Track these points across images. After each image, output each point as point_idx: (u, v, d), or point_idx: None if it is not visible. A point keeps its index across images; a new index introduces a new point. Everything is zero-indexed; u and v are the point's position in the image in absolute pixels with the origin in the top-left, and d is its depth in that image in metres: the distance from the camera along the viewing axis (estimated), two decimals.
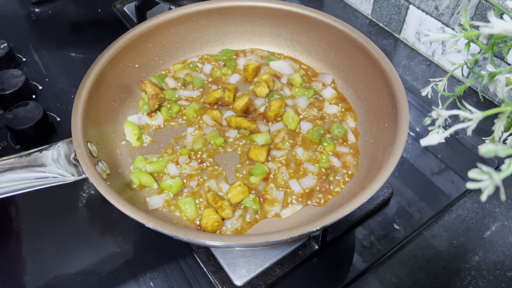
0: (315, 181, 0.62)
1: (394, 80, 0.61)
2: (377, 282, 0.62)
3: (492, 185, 0.31)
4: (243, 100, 0.68)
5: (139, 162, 0.63)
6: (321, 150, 0.66)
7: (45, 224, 0.68)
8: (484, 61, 0.81)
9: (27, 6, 1.07)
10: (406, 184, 0.72)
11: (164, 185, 0.61)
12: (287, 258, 0.62)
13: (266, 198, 0.61)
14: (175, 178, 0.62)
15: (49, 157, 0.56)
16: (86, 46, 0.97)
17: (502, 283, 0.62)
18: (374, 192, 0.50)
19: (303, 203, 0.61)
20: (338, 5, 1.06)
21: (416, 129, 0.80)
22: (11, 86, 0.82)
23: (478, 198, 0.71)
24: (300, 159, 0.65)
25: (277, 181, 0.63)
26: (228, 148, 0.66)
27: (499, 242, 0.66)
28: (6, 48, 0.89)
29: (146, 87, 0.69)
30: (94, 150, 0.59)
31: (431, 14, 0.87)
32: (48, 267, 0.63)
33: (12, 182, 0.53)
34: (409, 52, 0.95)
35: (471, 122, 0.34)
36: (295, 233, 0.47)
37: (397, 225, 0.67)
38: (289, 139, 0.67)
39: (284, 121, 0.68)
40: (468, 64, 0.51)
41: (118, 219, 0.68)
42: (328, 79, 0.74)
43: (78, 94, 0.60)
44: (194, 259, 0.63)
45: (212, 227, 0.57)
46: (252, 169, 0.63)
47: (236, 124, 0.67)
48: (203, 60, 0.77)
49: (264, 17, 0.76)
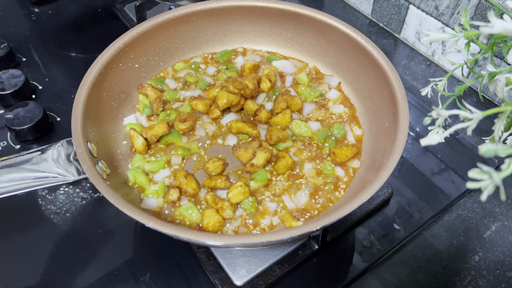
0: (308, 199, 0.61)
1: (394, 80, 0.61)
2: (377, 282, 0.62)
3: (492, 185, 0.31)
4: (256, 105, 0.67)
5: (137, 161, 0.63)
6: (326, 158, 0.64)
7: (45, 224, 0.68)
8: (484, 61, 0.81)
9: (27, 6, 1.07)
10: (406, 184, 0.72)
11: (150, 192, 0.61)
12: (287, 258, 0.62)
13: (258, 208, 0.60)
14: (158, 183, 0.62)
15: (49, 157, 0.56)
16: (86, 46, 0.97)
17: (502, 283, 0.62)
18: (374, 192, 0.50)
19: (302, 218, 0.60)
20: (338, 5, 1.06)
21: (416, 129, 0.80)
22: (11, 86, 0.82)
23: (478, 198, 0.71)
24: (304, 174, 0.63)
25: (275, 190, 0.61)
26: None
27: (499, 242, 0.66)
28: (6, 48, 0.89)
29: (147, 90, 0.69)
30: (94, 150, 0.59)
31: (431, 14, 0.87)
32: (48, 267, 0.63)
33: (12, 182, 0.53)
34: (409, 52, 0.95)
35: (471, 122, 0.34)
36: (295, 233, 0.47)
37: (397, 225, 0.67)
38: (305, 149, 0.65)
39: (294, 130, 0.66)
40: (468, 64, 0.51)
41: (118, 219, 0.68)
42: (334, 82, 0.74)
43: (78, 94, 0.60)
44: (194, 259, 0.63)
45: (213, 227, 0.57)
46: (254, 174, 0.61)
47: (237, 129, 0.67)
48: (205, 61, 0.77)
49: (264, 17, 0.76)
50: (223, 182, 0.61)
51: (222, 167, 0.63)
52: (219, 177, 0.61)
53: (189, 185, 0.60)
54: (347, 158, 0.63)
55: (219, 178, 0.61)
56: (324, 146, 0.65)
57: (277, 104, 0.69)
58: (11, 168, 0.54)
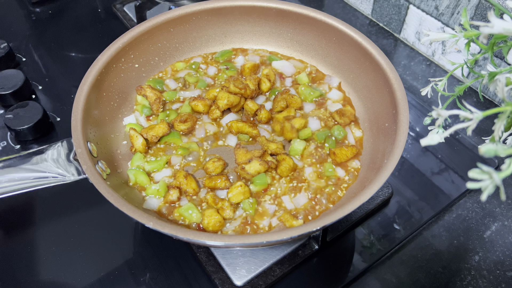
0: (307, 200, 0.60)
1: (394, 80, 0.61)
2: (377, 282, 0.62)
3: (492, 185, 0.31)
4: (256, 106, 0.67)
5: (137, 160, 0.63)
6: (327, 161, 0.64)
7: (45, 224, 0.68)
8: (484, 61, 0.81)
9: (27, 6, 1.07)
10: (406, 184, 0.72)
11: (151, 192, 0.61)
12: (287, 258, 0.62)
13: (257, 210, 0.59)
14: (158, 182, 0.62)
15: (49, 157, 0.56)
16: (86, 46, 0.97)
17: (502, 283, 0.62)
18: (374, 192, 0.50)
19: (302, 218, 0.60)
20: (338, 5, 1.06)
21: (416, 129, 0.80)
22: (11, 86, 0.82)
23: (478, 198, 0.71)
24: (306, 178, 0.63)
25: (276, 193, 0.61)
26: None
27: (499, 242, 0.66)
28: (6, 48, 0.89)
29: (146, 91, 0.69)
30: (94, 150, 0.59)
31: (431, 14, 0.87)
32: (48, 267, 0.63)
33: (12, 182, 0.53)
34: (409, 52, 0.95)
35: (471, 122, 0.34)
36: (295, 233, 0.47)
37: (397, 225, 0.67)
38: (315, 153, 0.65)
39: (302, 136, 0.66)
40: (468, 64, 0.51)
41: (118, 219, 0.68)
42: (334, 82, 0.74)
43: (78, 94, 0.60)
44: (194, 259, 0.63)
45: (213, 227, 0.56)
46: (254, 177, 0.61)
47: (237, 129, 0.67)
48: (206, 61, 0.77)
49: (264, 17, 0.76)
50: (223, 182, 0.60)
51: (222, 167, 0.63)
52: (219, 177, 0.61)
53: (189, 185, 0.60)
54: (347, 158, 0.63)
55: (219, 178, 0.61)
56: (324, 146, 0.66)
57: (277, 103, 0.69)
58: (11, 168, 0.54)
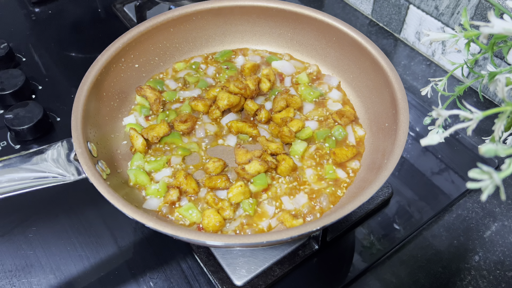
0: (307, 200, 0.60)
1: (394, 80, 0.61)
2: (377, 282, 0.62)
3: (492, 185, 0.31)
4: (256, 105, 0.67)
5: (137, 160, 0.63)
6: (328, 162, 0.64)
7: (45, 224, 0.68)
8: (484, 61, 0.81)
9: (27, 6, 1.07)
10: (406, 184, 0.72)
11: (151, 192, 0.61)
12: (287, 258, 0.62)
13: (257, 210, 0.59)
14: (158, 181, 0.62)
15: (49, 157, 0.56)
16: (86, 46, 0.97)
17: (502, 283, 0.62)
18: (374, 192, 0.50)
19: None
20: (338, 5, 1.06)
21: (416, 129, 0.80)
22: (11, 86, 0.82)
23: (478, 198, 0.71)
24: (306, 180, 0.62)
25: (276, 193, 0.61)
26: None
27: (499, 242, 0.66)
28: (6, 48, 0.89)
29: (146, 92, 0.69)
30: (94, 150, 0.59)
31: (431, 14, 0.87)
32: (48, 267, 0.63)
33: (12, 182, 0.53)
34: (409, 52, 0.95)
35: (471, 122, 0.34)
36: (295, 233, 0.47)
37: (397, 225, 0.67)
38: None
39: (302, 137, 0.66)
40: (468, 64, 0.51)
41: (118, 219, 0.68)
42: (334, 82, 0.74)
43: (78, 94, 0.60)
44: (194, 259, 0.63)
45: (214, 227, 0.56)
46: (254, 177, 0.61)
47: (237, 129, 0.67)
48: (206, 61, 0.77)
49: (264, 17, 0.76)
50: (223, 182, 0.60)
51: (222, 167, 0.63)
52: (219, 177, 0.61)
53: (189, 185, 0.60)
54: (347, 158, 0.63)
55: (219, 178, 0.61)
56: (324, 146, 0.66)
57: (277, 103, 0.69)
58: (11, 168, 0.54)
